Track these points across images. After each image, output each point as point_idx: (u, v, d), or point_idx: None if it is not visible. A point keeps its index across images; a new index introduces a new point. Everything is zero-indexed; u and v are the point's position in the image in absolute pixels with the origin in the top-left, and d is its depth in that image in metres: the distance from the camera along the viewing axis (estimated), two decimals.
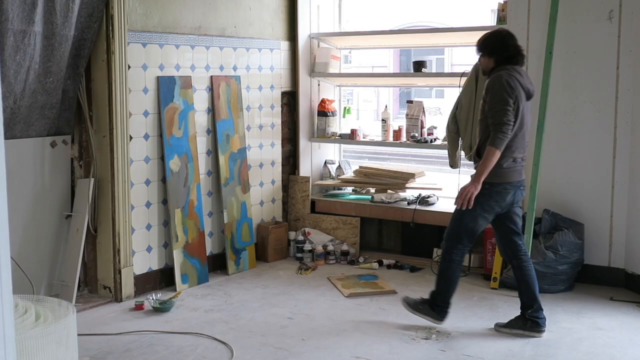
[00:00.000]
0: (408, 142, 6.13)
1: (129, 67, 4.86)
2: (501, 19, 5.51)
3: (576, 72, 5.20)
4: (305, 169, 6.46)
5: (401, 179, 6.13)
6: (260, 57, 5.96)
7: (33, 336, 2.72)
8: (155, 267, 5.16)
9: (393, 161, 8.04)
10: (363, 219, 6.17)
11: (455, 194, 5.71)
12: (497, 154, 4.03)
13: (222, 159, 5.57)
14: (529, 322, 4.26)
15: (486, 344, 4.12)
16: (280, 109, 6.22)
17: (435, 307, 4.36)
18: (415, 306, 4.43)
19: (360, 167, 6.44)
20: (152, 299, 4.77)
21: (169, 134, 5.15)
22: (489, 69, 4.25)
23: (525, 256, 4.35)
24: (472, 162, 5.67)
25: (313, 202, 6.34)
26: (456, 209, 4.21)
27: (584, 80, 5.18)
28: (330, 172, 6.54)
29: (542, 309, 4.29)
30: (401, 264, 5.81)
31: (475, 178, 4.11)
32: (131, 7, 4.85)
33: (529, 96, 4.15)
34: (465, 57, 11.39)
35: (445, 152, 5.72)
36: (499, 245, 4.50)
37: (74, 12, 4.51)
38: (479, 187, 4.09)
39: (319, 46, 6.49)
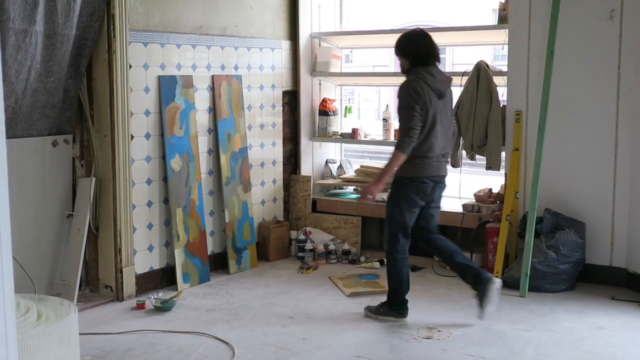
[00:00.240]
0: None
1: (130, 66, 4.86)
2: (502, 18, 5.51)
3: (577, 71, 5.19)
4: (307, 168, 6.46)
5: None
6: (262, 57, 5.96)
7: (35, 335, 2.72)
8: (156, 266, 5.17)
9: None
10: (364, 218, 6.17)
11: (456, 193, 5.75)
12: (402, 157, 4.21)
13: (223, 158, 5.57)
14: (479, 286, 4.35)
15: (488, 344, 4.11)
16: (281, 108, 6.22)
17: (393, 306, 4.52)
18: (377, 311, 4.57)
19: (362, 166, 6.44)
20: (154, 298, 4.77)
21: (170, 133, 5.15)
22: (405, 69, 4.40)
23: (434, 235, 4.54)
24: (473, 161, 5.71)
25: (314, 202, 6.34)
26: (386, 213, 4.45)
27: (585, 80, 5.17)
28: (331, 171, 6.54)
29: (474, 267, 4.45)
30: None
31: (377, 178, 4.36)
32: (132, 7, 4.85)
33: (440, 96, 4.29)
34: (466, 56, 11.38)
35: None
36: (413, 234, 4.56)
37: (75, 12, 4.51)
38: (381, 187, 4.35)
39: (320, 45, 6.49)
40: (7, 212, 1.66)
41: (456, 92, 5.65)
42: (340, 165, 6.58)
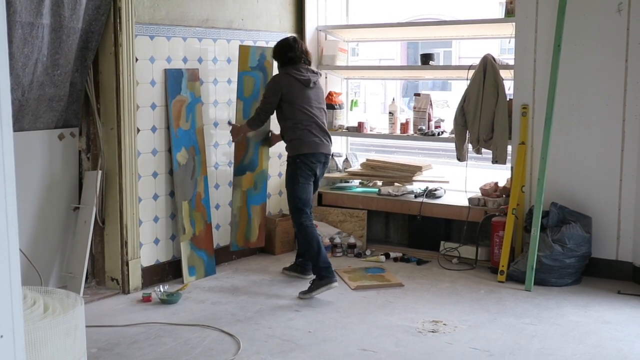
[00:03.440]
0: (415, 135, 6.12)
1: (137, 59, 4.86)
2: (509, 11, 5.49)
3: (585, 65, 5.17)
4: None
5: (408, 172, 6.12)
6: None
7: (41, 327, 2.73)
8: (162, 259, 5.18)
9: (400, 154, 8.04)
10: (370, 212, 6.17)
11: (462, 186, 5.75)
12: (248, 130, 5.28)
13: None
14: (299, 268, 5.29)
15: (493, 337, 4.11)
16: None
17: (322, 276, 4.84)
18: (311, 290, 4.83)
19: (367, 160, 6.44)
20: (160, 291, 4.79)
21: (176, 127, 5.15)
22: (278, 65, 5.14)
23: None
24: (479, 155, 5.71)
25: (320, 195, 6.34)
26: (287, 191, 5.05)
27: (592, 73, 5.16)
28: (337, 164, 6.54)
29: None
30: (408, 256, 5.80)
31: (240, 128, 5.31)
32: (138, 0, 4.85)
33: (306, 84, 4.97)
34: (472, 49, 11.36)
35: (452, 145, 5.72)
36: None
37: (81, 5, 4.52)
38: (238, 135, 5.32)
39: (326, 39, 6.48)
40: (15, 205, 1.66)
41: (462, 85, 5.65)
42: (346, 158, 6.58)
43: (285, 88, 4.93)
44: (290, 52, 5.01)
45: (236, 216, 5.57)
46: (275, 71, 5.28)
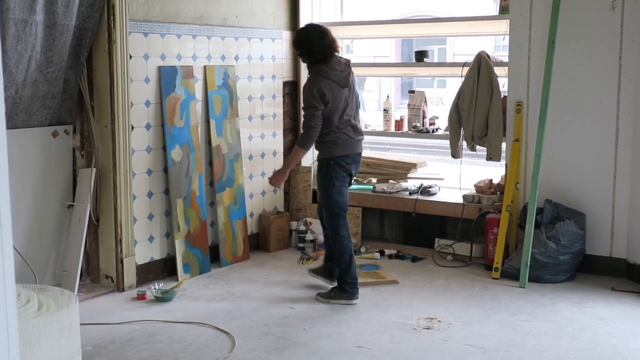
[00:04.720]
0: (410, 132, 6.13)
1: (131, 56, 4.85)
2: (503, 8, 5.50)
3: (578, 62, 5.18)
4: (307, 159, 6.44)
5: (403, 169, 6.13)
6: (262, 47, 5.95)
7: (35, 325, 2.72)
8: (157, 256, 5.17)
9: (395, 151, 8.03)
10: (365, 209, 6.17)
11: (456, 184, 5.76)
12: (303, 153, 4.69)
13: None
14: (326, 272, 4.92)
15: (488, 334, 4.12)
16: (281, 98, 6.21)
17: (345, 290, 4.67)
18: (328, 296, 4.71)
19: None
20: (154, 289, 4.78)
21: (171, 124, 5.14)
22: (307, 63, 4.70)
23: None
24: (473, 152, 5.71)
25: (315, 192, 6.33)
26: (321, 194, 4.71)
27: (586, 70, 5.17)
28: None
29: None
30: (403, 254, 5.81)
31: (282, 169, 4.80)
32: None
33: (344, 85, 4.57)
34: (467, 46, 11.37)
35: (447, 142, 5.72)
36: (320, 212, 4.89)
37: (75, 2, 4.50)
38: (285, 177, 4.79)
39: None
40: (8, 202, 1.65)
41: (457, 82, 5.65)
42: None
43: (330, 95, 4.49)
44: (319, 45, 4.53)
45: (222, 232, 5.57)
46: (240, 90, 5.34)
